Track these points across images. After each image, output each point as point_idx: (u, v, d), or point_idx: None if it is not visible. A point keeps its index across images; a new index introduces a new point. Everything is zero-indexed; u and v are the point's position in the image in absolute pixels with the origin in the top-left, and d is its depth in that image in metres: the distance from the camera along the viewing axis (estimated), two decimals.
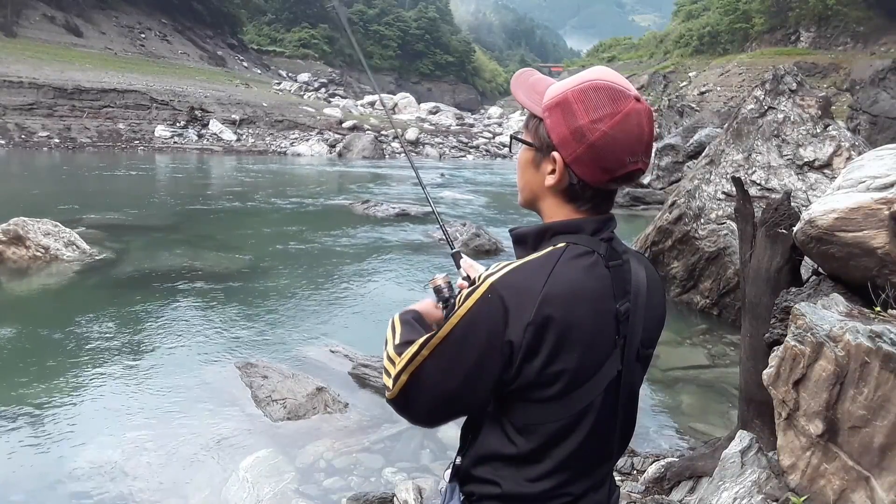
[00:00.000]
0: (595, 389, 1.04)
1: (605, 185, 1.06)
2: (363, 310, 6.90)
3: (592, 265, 1.03)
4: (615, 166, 1.02)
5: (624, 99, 1.01)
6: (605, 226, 1.09)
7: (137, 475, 3.57)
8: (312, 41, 70.24)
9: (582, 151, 1.01)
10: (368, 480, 3.68)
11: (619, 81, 1.03)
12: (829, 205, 2.64)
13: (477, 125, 43.11)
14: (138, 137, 29.30)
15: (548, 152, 1.06)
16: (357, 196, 15.54)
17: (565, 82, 1.07)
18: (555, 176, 1.05)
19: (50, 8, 41.09)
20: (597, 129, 1.00)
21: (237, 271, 8.10)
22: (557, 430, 1.04)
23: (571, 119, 1.02)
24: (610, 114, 1.00)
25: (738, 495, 2.38)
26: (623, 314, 1.05)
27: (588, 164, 1.02)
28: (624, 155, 1.02)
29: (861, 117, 17.49)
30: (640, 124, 1.02)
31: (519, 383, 1.00)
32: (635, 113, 1.01)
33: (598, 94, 1.01)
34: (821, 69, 38.57)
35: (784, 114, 6.82)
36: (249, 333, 5.93)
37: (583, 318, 1.00)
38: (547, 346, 0.98)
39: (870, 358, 1.98)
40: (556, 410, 1.02)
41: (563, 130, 1.03)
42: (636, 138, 1.02)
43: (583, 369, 1.02)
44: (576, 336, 0.99)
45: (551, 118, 1.05)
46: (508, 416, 1.05)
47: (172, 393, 4.62)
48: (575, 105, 1.01)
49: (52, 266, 7.70)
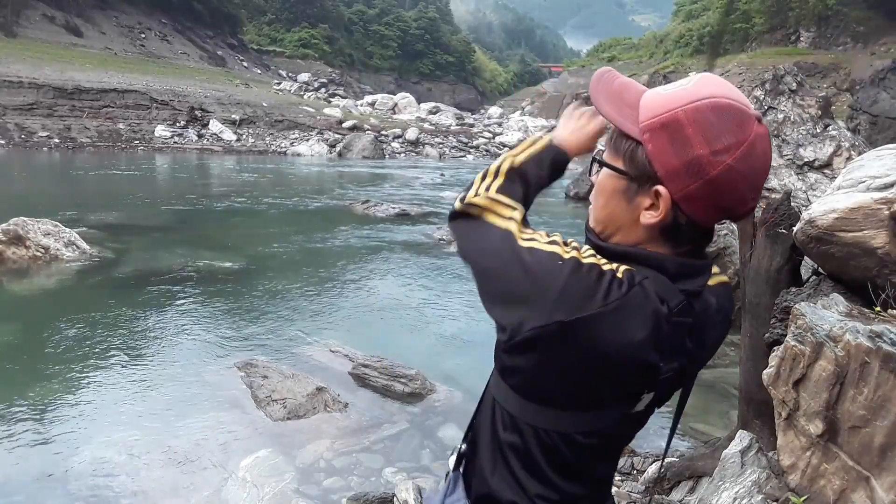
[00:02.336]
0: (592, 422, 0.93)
1: (717, 223, 0.89)
2: (363, 310, 6.90)
3: (654, 317, 0.84)
4: (735, 205, 0.85)
5: (748, 123, 0.82)
6: (693, 274, 0.89)
7: (137, 475, 3.57)
8: (312, 41, 70.27)
9: (697, 188, 0.82)
10: (368, 480, 3.68)
11: (740, 98, 0.84)
12: (829, 205, 2.64)
13: (477, 125, 43.11)
14: (138, 137, 29.30)
15: (647, 184, 0.86)
16: (357, 196, 15.54)
17: (669, 94, 0.86)
18: (657, 214, 0.85)
19: (50, 8, 41.11)
20: (720, 163, 0.80)
21: (237, 271, 8.10)
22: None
23: (684, 148, 0.81)
24: (736, 143, 0.80)
25: (738, 495, 2.38)
26: (664, 375, 0.90)
27: (702, 203, 0.83)
28: (747, 192, 0.84)
29: (861, 117, 17.48)
30: (765, 152, 0.83)
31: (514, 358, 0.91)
32: (760, 139, 0.82)
33: (720, 117, 0.81)
34: (821, 69, 38.57)
35: (784, 114, 6.82)
36: (249, 333, 5.93)
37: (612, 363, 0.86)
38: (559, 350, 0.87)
39: (870, 358, 1.98)
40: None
41: (671, 161, 0.82)
42: (762, 169, 0.84)
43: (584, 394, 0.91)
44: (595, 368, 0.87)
45: (655, 143, 0.84)
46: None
47: (172, 393, 4.62)
48: (689, 129, 0.81)
49: (52, 266, 7.70)
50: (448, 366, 5.43)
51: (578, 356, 0.85)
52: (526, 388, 0.93)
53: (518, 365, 0.91)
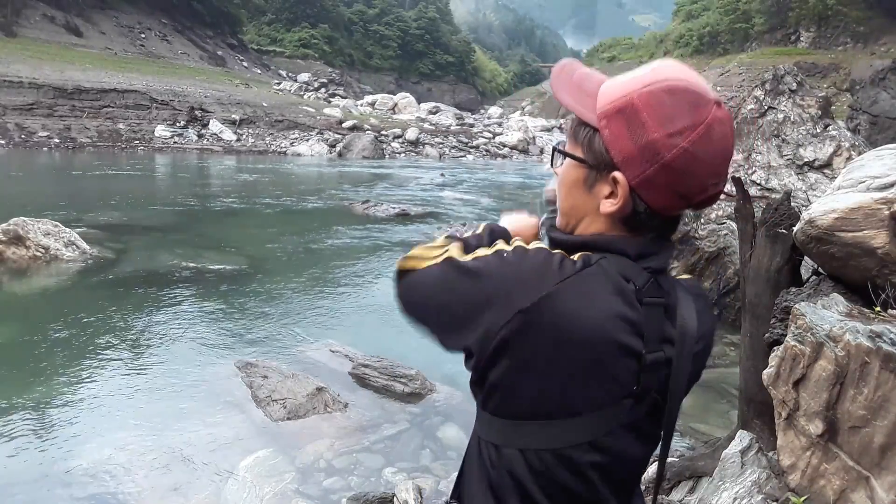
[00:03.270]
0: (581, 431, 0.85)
1: (677, 211, 0.86)
2: (363, 310, 6.90)
3: (618, 293, 0.82)
4: (694, 191, 0.82)
5: (705, 105, 0.79)
6: (656, 251, 0.87)
7: (137, 475, 3.57)
8: (312, 41, 70.26)
9: (653, 173, 0.80)
10: (368, 480, 3.68)
11: (697, 81, 0.81)
12: (829, 205, 2.64)
13: (477, 125, 43.11)
14: (138, 137, 29.29)
15: (605, 172, 0.84)
16: (357, 196, 15.54)
17: (625, 80, 0.84)
18: (615, 202, 0.83)
19: (50, 8, 41.10)
20: (674, 146, 0.78)
21: (237, 271, 8.10)
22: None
23: (639, 131, 0.79)
24: (691, 125, 0.78)
25: (738, 495, 2.38)
26: (649, 364, 0.84)
27: (660, 189, 0.81)
28: (706, 177, 0.81)
29: (861, 117, 17.47)
30: (724, 136, 0.80)
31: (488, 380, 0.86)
32: (719, 123, 0.79)
33: (675, 99, 0.79)
34: (821, 69, 38.60)
35: (784, 114, 6.82)
36: (249, 333, 5.93)
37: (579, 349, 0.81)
38: (524, 352, 0.81)
39: (870, 358, 1.98)
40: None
41: (627, 146, 0.80)
42: (721, 155, 0.81)
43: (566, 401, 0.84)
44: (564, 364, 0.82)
45: (610, 129, 0.82)
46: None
47: (172, 393, 4.62)
48: (643, 113, 0.79)
49: (52, 266, 7.70)
50: (448, 366, 5.43)
51: (550, 344, 0.80)
52: (508, 405, 0.86)
53: (494, 382, 0.85)
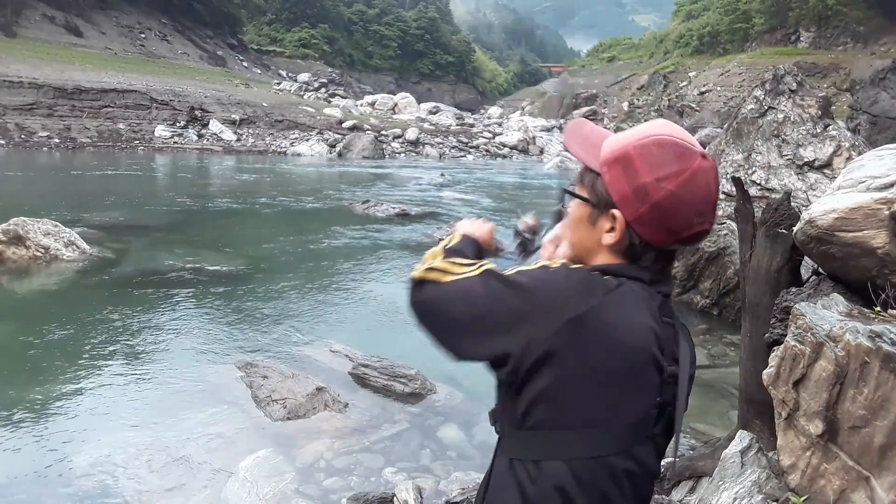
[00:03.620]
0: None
1: (669, 246, 1.00)
2: (363, 310, 6.91)
3: (648, 309, 0.96)
4: (681, 227, 0.97)
5: (690, 156, 0.96)
6: (663, 279, 1.02)
7: (137, 475, 3.57)
8: (312, 41, 70.24)
9: (645, 211, 0.96)
10: (368, 480, 3.68)
11: (683, 137, 0.98)
12: (829, 205, 2.64)
13: (477, 125, 43.10)
14: (138, 137, 29.29)
15: (606, 209, 1.00)
16: (357, 196, 15.54)
17: (624, 136, 1.02)
18: (614, 235, 0.99)
19: (50, 8, 41.10)
20: (662, 189, 0.94)
21: (237, 271, 8.10)
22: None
23: (633, 176, 0.96)
24: (676, 172, 0.94)
25: (738, 495, 2.38)
26: (668, 377, 0.97)
27: (651, 225, 0.97)
28: (691, 216, 0.96)
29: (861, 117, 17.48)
30: (707, 184, 0.96)
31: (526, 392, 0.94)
32: (702, 171, 0.95)
33: (663, 151, 0.96)
34: (821, 69, 38.59)
35: (784, 114, 6.82)
36: (249, 333, 5.93)
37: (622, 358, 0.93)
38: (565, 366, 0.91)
39: (870, 358, 1.98)
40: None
41: (623, 188, 0.97)
42: (703, 198, 0.96)
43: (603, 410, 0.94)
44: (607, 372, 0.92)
45: (610, 174, 0.99)
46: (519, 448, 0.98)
47: (172, 393, 4.62)
48: (637, 161, 0.96)
49: (52, 266, 7.70)
50: (448, 366, 5.41)
51: (596, 351, 0.92)
52: (554, 415, 0.93)
53: (538, 393, 0.93)
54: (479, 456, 3.97)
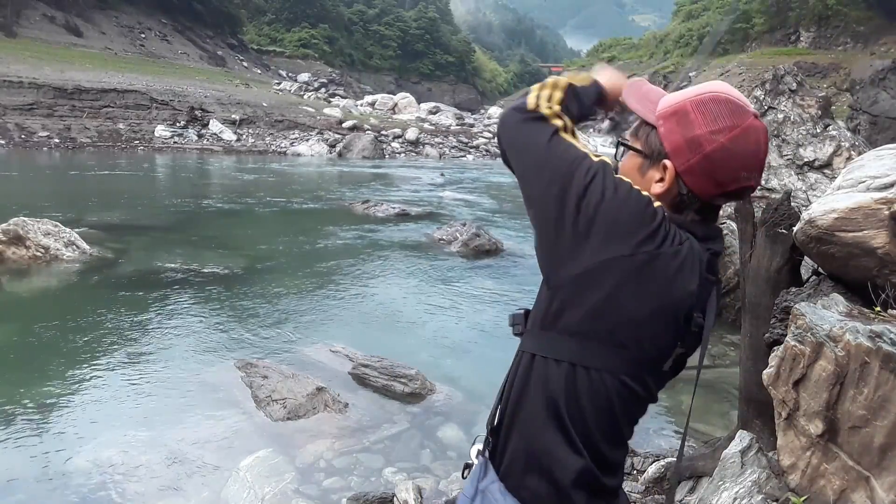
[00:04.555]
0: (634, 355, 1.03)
1: (714, 199, 1.05)
2: (363, 310, 6.90)
3: (697, 268, 1.02)
4: (728, 180, 1.02)
5: (744, 114, 1.01)
6: (715, 237, 1.08)
7: (137, 475, 3.57)
8: (312, 41, 70.23)
9: (696, 161, 1.01)
10: (368, 480, 3.68)
11: (739, 96, 1.03)
12: (829, 205, 2.64)
13: (477, 125, 43.04)
14: (138, 137, 29.27)
15: (658, 160, 1.05)
16: (357, 196, 15.54)
17: (682, 92, 1.06)
18: (664, 184, 1.04)
19: (50, 8, 41.07)
20: (715, 141, 0.99)
21: (237, 271, 8.10)
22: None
23: (688, 128, 1.01)
24: (730, 126, 0.99)
25: (738, 495, 2.38)
26: (694, 326, 1.05)
27: (701, 175, 1.02)
28: (739, 170, 1.01)
29: (861, 117, 17.47)
30: (757, 141, 1.01)
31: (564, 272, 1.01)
32: (754, 129, 1.01)
33: (719, 106, 1.01)
34: (821, 69, 38.57)
35: (784, 114, 6.82)
36: (249, 333, 5.93)
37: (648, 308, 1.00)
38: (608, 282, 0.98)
39: (870, 358, 1.98)
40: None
41: (677, 139, 1.02)
42: (753, 154, 1.01)
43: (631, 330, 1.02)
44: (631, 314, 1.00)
45: (666, 126, 1.04)
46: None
47: (172, 393, 4.62)
48: (693, 115, 1.01)
49: (52, 266, 7.70)
50: (448, 366, 5.43)
51: (647, 290, 0.99)
52: (583, 326, 1.02)
53: (576, 301, 1.01)
54: None
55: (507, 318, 1.15)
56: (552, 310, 1.04)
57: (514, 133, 1.10)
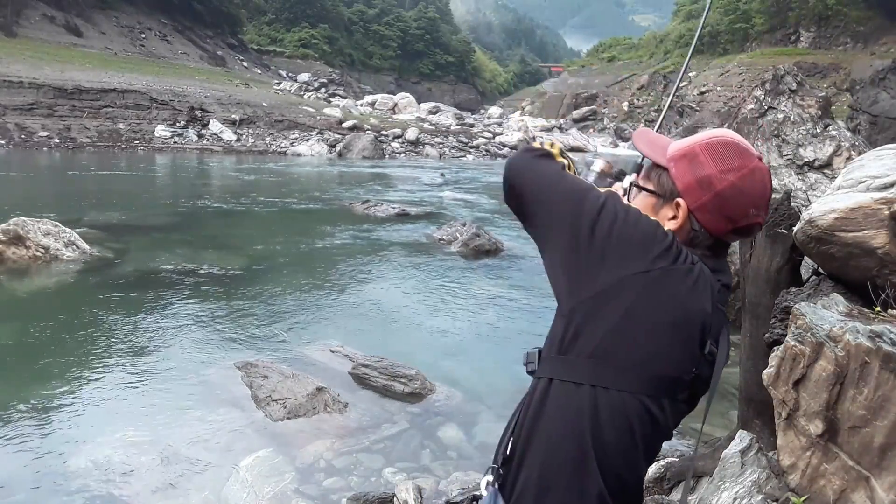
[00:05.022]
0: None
1: (725, 235, 1.11)
2: (363, 310, 6.90)
3: (710, 291, 1.06)
4: (739, 216, 1.08)
5: (750, 155, 1.09)
6: (724, 270, 1.13)
7: (137, 475, 3.57)
8: (312, 41, 70.19)
9: (708, 199, 1.08)
10: (368, 480, 3.68)
11: (743, 140, 1.11)
12: (829, 205, 2.64)
13: (477, 125, 43.05)
14: (138, 137, 29.26)
15: (670, 199, 1.12)
16: (357, 196, 15.53)
17: (690, 138, 1.15)
18: (677, 221, 1.10)
19: (50, 8, 41.06)
20: (725, 179, 1.06)
21: (237, 271, 8.10)
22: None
23: (698, 168, 1.09)
24: (738, 166, 1.07)
25: (738, 495, 2.38)
26: (707, 354, 1.08)
27: (712, 212, 1.08)
28: (748, 206, 1.08)
29: (861, 117, 17.46)
30: (763, 181, 1.09)
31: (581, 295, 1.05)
32: (759, 170, 1.08)
33: (727, 149, 1.09)
34: (821, 69, 38.56)
35: (784, 114, 6.82)
36: (249, 333, 5.93)
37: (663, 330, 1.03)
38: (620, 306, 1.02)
39: (870, 358, 1.98)
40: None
41: (688, 179, 1.09)
42: (760, 192, 1.08)
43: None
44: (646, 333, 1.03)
45: (677, 167, 1.12)
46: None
47: (172, 393, 4.62)
48: (703, 156, 1.09)
49: (52, 266, 7.70)
50: (448, 366, 5.43)
51: (661, 305, 1.02)
52: (599, 346, 1.03)
53: (598, 320, 1.04)
54: (479, 456, 3.97)
55: (506, 318, 1.16)
56: (569, 335, 1.07)
57: (526, 169, 1.18)
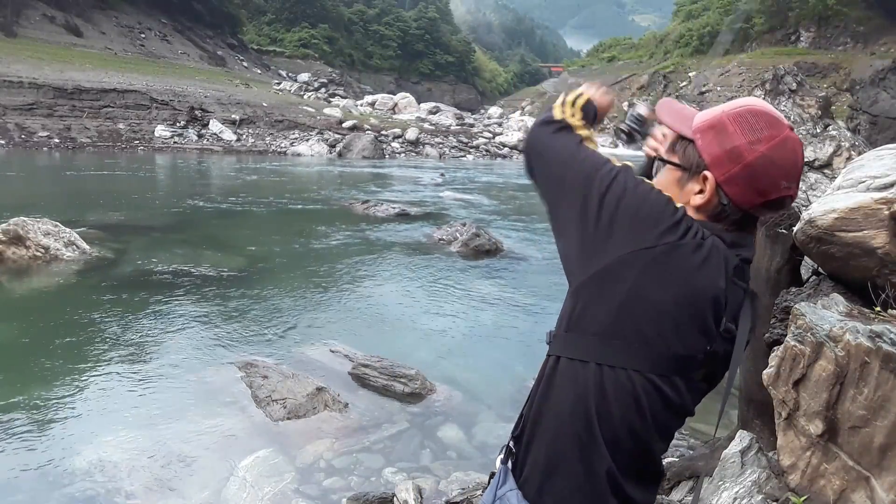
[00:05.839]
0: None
1: (755, 208, 1.05)
2: (363, 310, 6.90)
3: (723, 267, 1.02)
4: (770, 188, 1.02)
5: (781, 125, 1.03)
6: (745, 244, 1.07)
7: (137, 475, 3.57)
8: (312, 41, 70.21)
9: (737, 171, 1.02)
10: (368, 480, 3.68)
11: (773, 110, 1.05)
12: (829, 205, 2.64)
13: (477, 125, 43.05)
14: (138, 137, 29.26)
15: (697, 172, 1.07)
16: (357, 196, 15.53)
17: (717, 108, 1.09)
18: (704, 195, 1.05)
19: (50, 8, 41.06)
20: (755, 150, 1.01)
21: (237, 271, 8.10)
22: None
23: (726, 139, 1.03)
24: (769, 136, 1.01)
25: (738, 495, 2.38)
26: (723, 331, 1.04)
27: (742, 185, 1.03)
28: (780, 178, 1.02)
29: (861, 117, 17.47)
30: (795, 151, 1.03)
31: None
32: (791, 140, 1.02)
33: (756, 118, 1.03)
34: (821, 69, 38.55)
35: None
36: (249, 333, 5.93)
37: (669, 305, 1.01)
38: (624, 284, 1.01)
39: (870, 358, 1.98)
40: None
41: (716, 150, 1.04)
42: (792, 164, 1.03)
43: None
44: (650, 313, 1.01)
45: (703, 139, 1.06)
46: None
47: (172, 393, 4.62)
48: (731, 126, 1.03)
49: (52, 266, 7.70)
50: (448, 366, 5.43)
51: (669, 282, 1.00)
52: (606, 323, 1.02)
53: (598, 299, 1.03)
54: (479, 456, 3.97)
55: (506, 318, 1.16)
56: (576, 311, 1.06)
57: (544, 143, 1.16)
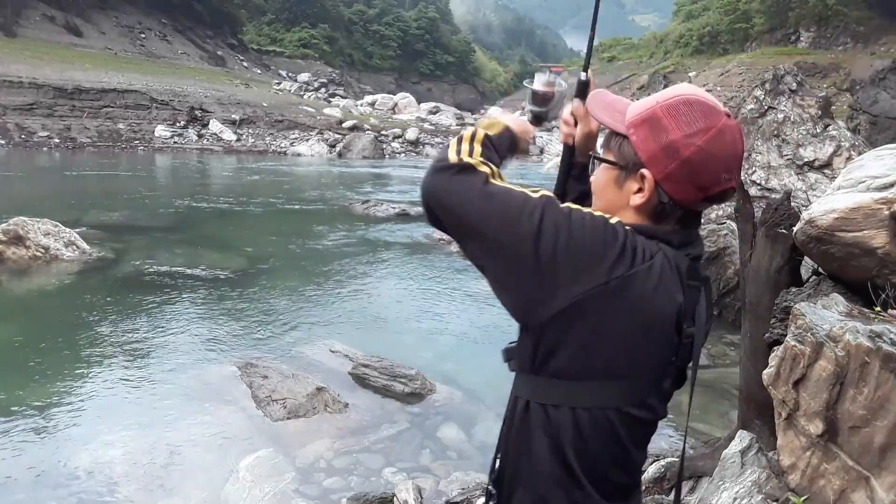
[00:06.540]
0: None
1: (697, 205, 1.01)
2: (363, 310, 6.90)
3: (677, 279, 0.99)
4: (710, 184, 0.98)
5: (717, 114, 0.97)
6: (692, 241, 1.04)
7: (137, 475, 3.57)
8: (312, 41, 70.17)
9: (675, 168, 0.96)
10: (368, 480, 3.68)
11: (709, 97, 1.00)
12: (829, 205, 2.64)
13: None
14: (138, 137, 29.26)
15: (634, 170, 1.01)
16: (357, 196, 15.53)
17: (649, 99, 1.03)
18: (643, 195, 1.00)
19: (50, 8, 41.05)
20: (692, 145, 0.95)
21: (237, 271, 8.10)
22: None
23: (661, 134, 0.97)
24: (705, 128, 0.96)
25: (738, 495, 2.38)
26: (686, 337, 1.02)
27: (681, 182, 0.97)
28: (720, 171, 0.97)
29: (861, 117, 17.46)
30: (734, 141, 0.98)
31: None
32: (729, 129, 0.97)
33: (691, 109, 0.97)
34: (821, 69, 38.52)
35: (784, 114, 6.82)
36: (249, 333, 5.93)
37: (635, 331, 0.96)
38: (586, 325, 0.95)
39: (870, 358, 1.98)
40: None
41: (651, 146, 0.98)
42: (731, 155, 0.98)
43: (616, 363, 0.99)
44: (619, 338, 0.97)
45: (638, 134, 1.00)
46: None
47: (172, 393, 4.62)
48: (665, 120, 0.97)
49: (52, 266, 7.70)
50: (448, 366, 5.43)
51: (626, 315, 0.95)
52: (574, 366, 0.97)
53: (560, 344, 0.96)
54: (479, 456, 3.97)
55: (506, 318, 1.12)
56: (539, 354, 0.99)
57: (444, 191, 0.99)
